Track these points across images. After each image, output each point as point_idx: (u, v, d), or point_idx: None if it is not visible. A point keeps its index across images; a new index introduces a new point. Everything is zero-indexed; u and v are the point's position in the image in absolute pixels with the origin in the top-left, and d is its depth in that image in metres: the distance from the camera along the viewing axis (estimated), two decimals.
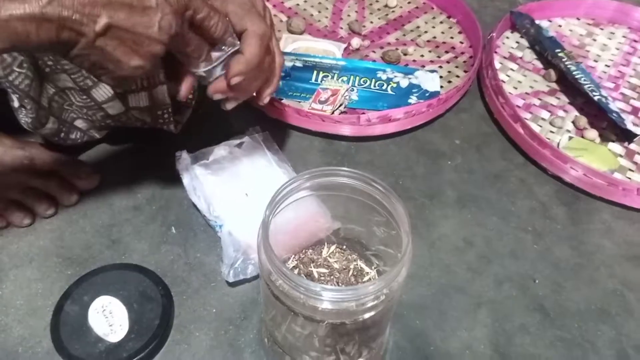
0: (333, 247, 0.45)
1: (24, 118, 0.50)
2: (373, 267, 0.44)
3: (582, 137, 0.66)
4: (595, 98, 0.66)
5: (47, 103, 0.52)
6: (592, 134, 0.65)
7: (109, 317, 0.47)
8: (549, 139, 0.65)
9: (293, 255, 0.46)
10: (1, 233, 0.54)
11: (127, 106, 0.54)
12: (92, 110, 0.55)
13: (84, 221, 0.56)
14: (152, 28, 0.36)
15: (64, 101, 0.53)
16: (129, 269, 0.51)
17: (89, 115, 0.55)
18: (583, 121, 0.67)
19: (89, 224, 0.55)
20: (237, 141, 0.59)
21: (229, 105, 0.48)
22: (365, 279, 0.43)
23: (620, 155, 0.64)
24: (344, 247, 0.46)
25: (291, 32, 0.78)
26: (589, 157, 0.62)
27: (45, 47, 0.34)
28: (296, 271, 0.44)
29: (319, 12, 0.82)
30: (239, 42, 0.43)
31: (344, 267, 0.44)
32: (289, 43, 0.76)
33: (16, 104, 0.48)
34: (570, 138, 0.65)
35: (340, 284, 0.43)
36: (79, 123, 0.56)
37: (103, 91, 0.53)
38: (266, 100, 0.51)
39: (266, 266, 0.34)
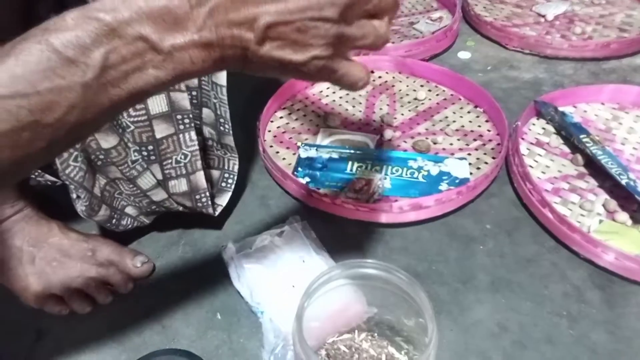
0: (364, 335, 0.47)
1: (80, 207, 0.56)
2: (403, 352, 0.46)
3: (613, 220, 0.67)
4: (623, 182, 0.67)
5: (99, 192, 0.58)
6: (623, 216, 0.67)
7: None
8: (579, 222, 0.67)
9: (326, 343, 0.49)
10: (65, 319, 0.59)
11: (168, 192, 0.61)
12: (139, 198, 0.61)
13: (137, 307, 0.60)
14: (314, 10, 0.31)
15: (115, 190, 0.60)
16: (177, 354, 0.54)
17: (137, 202, 0.61)
18: (613, 204, 0.69)
19: (141, 310, 0.60)
20: (278, 230, 0.64)
21: None
22: None
23: None
24: (375, 333, 0.48)
25: (328, 126, 0.84)
26: (621, 240, 0.63)
27: (210, 71, 0.32)
28: None
29: (354, 106, 0.89)
30: None
31: (376, 354, 0.46)
32: (326, 136, 0.82)
33: (74, 195, 0.55)
34: (601, 221, 0.66)
35: None
36: (129, 210, 0.62)
37: (147, 180, 0.59)
38: None
39: (301, 358, 0.37)
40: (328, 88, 0.92)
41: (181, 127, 0.57)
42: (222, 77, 0.56)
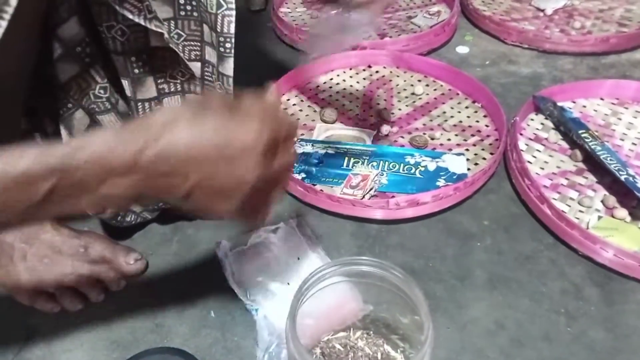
0: (359, 333, 0.47)
1: None
2: (399, 351, 0.45)
3: (612, 216, 0.66)
4: (622, 177, 0.67)
5: None
6: (622, 213, 0.66)
7: None
8: (578, 218, 0.66)
9: (321, 341, 0.48)
10: (56, 317, 0.58)
11: None
12: None
13: (130, 305, 0.59)
14: (238, 177, 0.37)
15: None
16: (170, 353, 0.53)
17: None
18: (612, 200, 0.68)
19: (134, 307, 0.59)
20: (273, 227, 0.63)
21: None
22: None
23: None
24: (370, 332, 0.47)
25: (324, 121, 0.83)
26: (620, 237, 0.62)
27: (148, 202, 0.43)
28: (324, 359, 0.46)
29: (350, 101, 0.88)
30: None
31: (372, 352, 0.45)
32: (322, 131, 0.81)
33: None
34: (600, 218, 0.66)
35: None
36: (134, 207, 0.62)
37: None
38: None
39: (294, 356, 0.36)
40: (325, 83, 0.91)
41: None
42: (229, 68, 0.56)
